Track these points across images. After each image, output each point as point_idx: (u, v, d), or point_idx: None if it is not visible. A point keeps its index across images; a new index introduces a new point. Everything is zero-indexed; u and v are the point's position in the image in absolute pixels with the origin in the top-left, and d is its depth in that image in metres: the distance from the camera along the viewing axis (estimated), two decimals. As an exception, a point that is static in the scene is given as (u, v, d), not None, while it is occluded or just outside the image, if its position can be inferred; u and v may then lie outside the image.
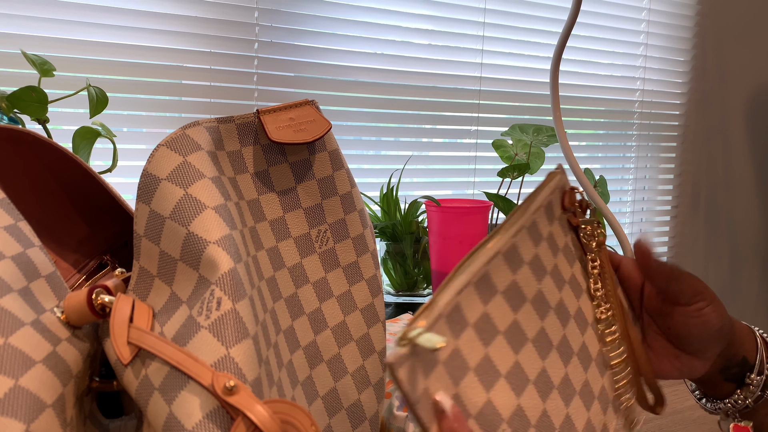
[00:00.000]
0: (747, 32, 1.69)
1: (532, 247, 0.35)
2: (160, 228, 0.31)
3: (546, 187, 0.38)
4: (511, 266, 0.33)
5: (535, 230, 0.36)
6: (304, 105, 0.41)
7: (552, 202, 0.38)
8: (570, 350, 0.35)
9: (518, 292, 0.33)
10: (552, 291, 0.36)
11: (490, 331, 0.31)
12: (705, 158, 1.69)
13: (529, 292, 0.34)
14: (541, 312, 0.34)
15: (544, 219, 0.37)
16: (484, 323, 0.31)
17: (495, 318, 0.31)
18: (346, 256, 0.42)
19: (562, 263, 0.38)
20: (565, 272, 0.38)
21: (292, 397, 0.34)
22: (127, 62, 0.94)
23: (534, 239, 0.35)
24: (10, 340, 0.26)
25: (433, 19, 1.21)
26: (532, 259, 0.35)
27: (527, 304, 0.33)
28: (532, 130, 1.05)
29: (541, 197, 0.37)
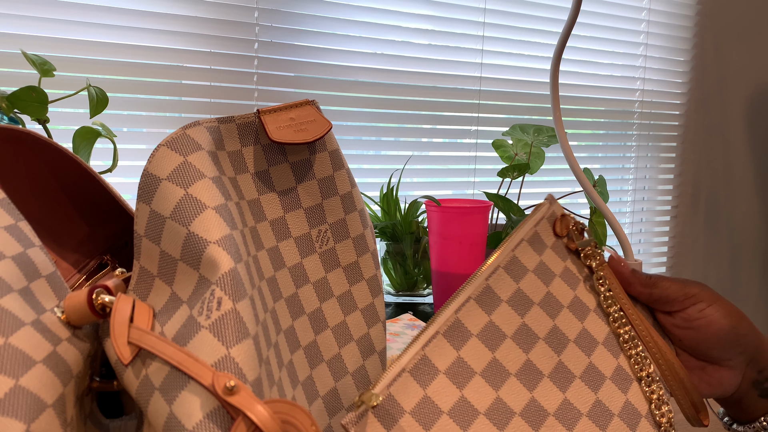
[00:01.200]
0: (747, 32, 1.69)
1: (512, 283, 0.36)
2: (160, 228, 0.31)
3: (530, 220, 0.40)
4: (485, 308, 0.34)
5: (515, 267, 0.37)
6: (305, 105, 0.41)
7: (539, 233, 0.40)
8: (570, 374, 0.36)
9: (495, 330, 0.34)
10: (541, 320, 0.37)
11: (464, 374, 0.32)
12: (705, 158, 1.69)
13: (509, 328, 0.35)
14: (525, 345, 0.35)
15: (530, 252, 0.38)
16: (457, 367, 0.32)
17: (469, 360, 0.32)
18: (347, 256, 0.42)
19: (560, 288, 0.39)
20: (563, 297, 0.38)
21: (293, 396, 0.34)
22: (127, 62, 0.94)
23: (514, 275, 0.37)
24: (11, 340, 0.26)
25: (433, 19, 1.21)
26: (512, 295, 0.36)
27: (507, 340, 0.34)
28: (533, 130, 1.05)
29: (521, 232, 0.39)
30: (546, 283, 0.38)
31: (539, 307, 0.37)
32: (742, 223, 1.79)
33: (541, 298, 0.37)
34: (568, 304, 0.38)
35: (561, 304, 0.38)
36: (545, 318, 0.37)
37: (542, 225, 0.40)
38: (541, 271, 0.38)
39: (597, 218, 0.96)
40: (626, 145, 1.54)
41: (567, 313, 0.38)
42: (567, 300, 0.38)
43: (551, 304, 0.38)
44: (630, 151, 1.55)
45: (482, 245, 0.85)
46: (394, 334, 0.64)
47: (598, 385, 0.36)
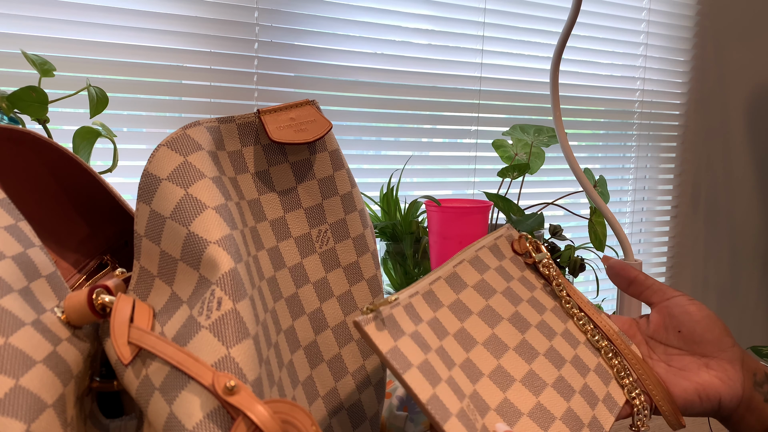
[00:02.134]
0: (747, 32, 1.69)
1: (477, 274, 0.41)
2: (160, 228, 0.31)
3: (489, 236, 0.45)
4: (454, 288, 0.38)
5: (478, 263, 0.42)
6: (305, 105, 0.41)
7: (498, 245, 0.45)
8: (534, 351, 0.39)
9: (463, 307, 0.38)
10: (504, 306, 0.40)
11: (440, 330, 0.35)
12: (705, 158, 1.69)
13: (475, 307, 0.39)
14: (491, 322, 0.39)
15: (490, 256, 0.43)
16: (435, 323, 0.35)
17: (444, 323, 0.36)
18: (347, 256, 0.42)
19: (519, 288, 0.43)
20: (523, 294, 0.43)
21: (293, 397, 0.34)
22: (127, 62, 0.94)
23: (478, 269, 0.41)
24: (11, 340, 0.26)
25: (433, 19, 1.21)
26: (476, 283, 0.40)
27: (473, 316, 0.38)
28: (533, 130, 1.05)
29: (482, 242, 0.44)
30: (506, 280, 0.42)
31: (501, 295, 0.41)
32: (742, 223, 1.79)
33: (503, 289, 0.41)
34: (527, 299, 0.42)
35: (521, 297, 0.42)
36: (508, 304, 0.41)
37: (501, 240, 0.45)
38: (501, 271, 0.43)
39: (597, 218, 0.96)
40: (626, 145, 1.54)
41: (527, 305, 0.42)
42: (526, 296, 0.43)
43: (512, 296, 0.41)
44: (630, 151, 1.55)
45: (482, 245, 0.85)
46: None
47: (560, 365, 0.39)
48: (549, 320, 0.42)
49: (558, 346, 0.40)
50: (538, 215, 0.93)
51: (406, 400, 0.51)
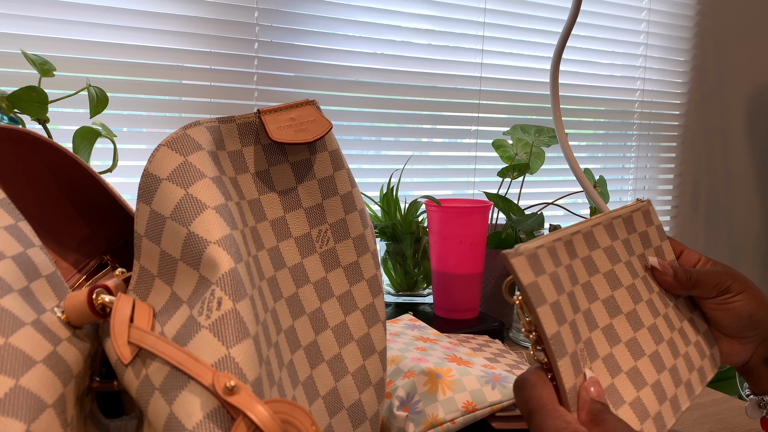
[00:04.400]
0: (747, 32, 1.69)
1: (608, 239, 0.44)
2: (160, 228, 0.31)
3: (626, 207, 0.47)
4: (589, 245, 0.41)
5: (611, 230, 0.45)
6: (305, 105, 0.41)
7: (633, 218, 0.47)
8: (640, 322, 0.43)
9: (593, 263, 0.41)
10: (625, 275, 0.44)
11: (573, 277, 0.38)
12: (705, 158, 1.69)
13: (603, 267, 0.42)
14: (612, 285, 0.42)
15: (622, 226, 0.46)
16: (570, 270, 0.38)
17: (577, 272, 0.39)
18: (347, 256, 0.42)
19: (636, 263, 0.46)
20: (638, 270, 0.46)
21: (293, 396, 0.34)
22: (127, 62, 0.94)
23: (611, 235, 0.44)
24: (11, 340, 0.26)
25: (433, 19, 1.21)
26: (607, 247, 0.43)
27: (599, 274, 0.41)
28: (534, 130, 1.05)
29: (621, 211, 0.46)
30: (629, 253, 0.46)
31: (624, 265, 0.44)
32: (742, 223, 1.79)
33: (626, 261, 0.45)
34: (641, 276, 0.46)
35: (637, 273, 0.45)
36: (627, 275, 0.44)
37: (636, 214, 0.48)
38: (627, 244, 0.46)
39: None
40: (626, 145, 1.54)
41: (641, 281, 0.45)
42: (641, 274, 0.46)
43: (631, 269, 0.45)
44: (630, 151, 1.55)
45: (482, 245, 0.85)
46: (395, 334, 0.64)
47: (658, 341, 0.43)
48: (655, 300, 0.45)
49: (660, 324, 0.44)
50: (538, 215, 0.93)
51: (406, 400, 0.51)
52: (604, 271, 0.42)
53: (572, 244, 0.39)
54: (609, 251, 0.43)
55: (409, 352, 0.57)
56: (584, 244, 0.41)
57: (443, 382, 0.52)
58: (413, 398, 0.51)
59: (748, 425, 0.57)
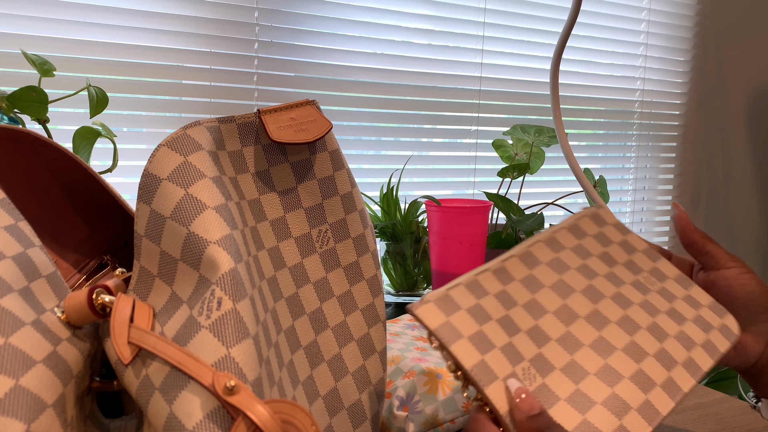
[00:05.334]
0: (747, 32, 1.69)
1: (551, 253, 0.44)
2: (160, 228, 0.31)
3: (570, 218, 0.47)
4: (527, 264, 0.42)
5: (554, 243, 0.44)
6: (305, 105, 0.41)
7: (580, 225, 0.47)
8: (606, 320, 0.42)
9: (535, 281, 0.41)
10: (577, 280, 0.43)
11: (508, 301, 0.39)
12: (705, 158, 1.69)
13: (548, 281, 0.42)
14: (563, 293, 0.41)
15: (569, 236, 0.46)
16: (503, 295, 0.39)
17: (513, 295, 0.39)
18: (347, 256, 0.42)
19: (596, 263, 0.45)
20: (598, 269, 0.45)
21: (293, 396, 0.34)
22: (127, 62, 0.94)
23: (553, 248, 0.44)
24: (11, 340, 0.26)
25: (433, 19, 1.21)
26: (550, 260, 0.43)
27: (545, 288, 0.41)
28: (534, 130, 1.05)
29: (564, 223, 0.46)
30: (583, 257, 0.45)
31: (576, 271, 0.43)
32: (742, 223, 1.79)
33: (578, 266, 0.44)
34: (604, 274, 0.44)
35: (596, 273, 0.44)
36: (581, 278, 0.43)
37: (583, 221, 0.47)
38: (579, 249, 0.45)
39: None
40: (626, 145, 1.54)
41: (602, 279, 0.44)
42: (603, 271, 0.45)
43: (587, 271, 0.44)
44: (630, 151, 1.55)
45: (482, 245, 0.85)
46: (395, 334, 0.64)
47: (633, 331, 0.42)
48: (627, 292, 0.44)
49: (634, 313, 0.43)
50: (538, 215, 0.93)
51: (406, 400, 0.51)
52: (550, 283, 0.41)
53: (505, 270, 0.40)
54: (554, 263, 0.43)
55: (409, 352, 0.57)
56: (522, 266, 0.41)
57: (443, 382, 0.52)
58: (413, 398, 0.51)
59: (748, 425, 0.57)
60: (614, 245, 0.47)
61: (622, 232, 0.49)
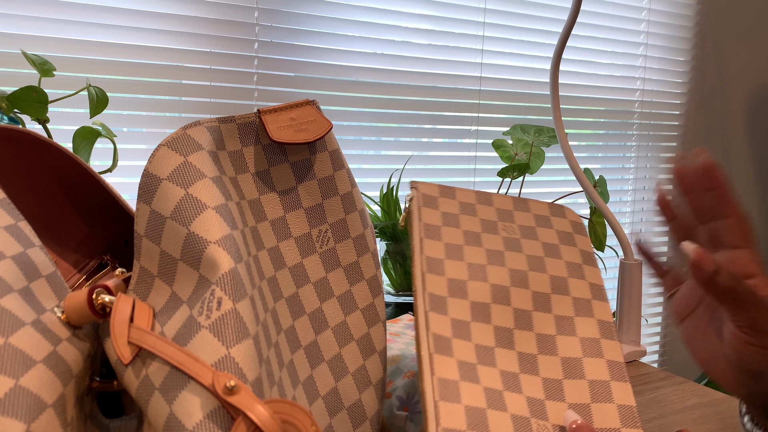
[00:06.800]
0: (747, 32, 1.69)
1: (440, 278, 0.41)
2: (160, 228, 0.31)
3: (413, 215, 0.44)
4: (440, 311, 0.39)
5: (429, 246, 0.43)
6: (305, 105, 0.41)
7: (421, 213, 0.45)
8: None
9: (462, 324, 0.39)
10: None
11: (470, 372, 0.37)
12: (705, 158, 1.68)
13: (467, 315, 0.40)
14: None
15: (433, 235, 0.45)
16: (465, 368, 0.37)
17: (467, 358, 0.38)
18: (347, 256, 0.42)
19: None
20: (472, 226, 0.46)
21: (293, 396, 0.34)
22: (127, 62, 0.94)
23: (434, 251, 0.42)
24: (11, 340, 0.26)
25: (433, 19, 1.21)
26: (447, 283, 0.41)
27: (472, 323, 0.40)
28: (534, 130, 1.05)
29: (415, 228, 0.44)
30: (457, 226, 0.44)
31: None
32: (742, 223, 1.79)
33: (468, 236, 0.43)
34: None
35: None
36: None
37: (422, 210, 0.45)
38: (448, 219, 0.44)
39: (597, 218, 0.96)
40: (626, 145, 1.54)
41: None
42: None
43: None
44: (630, 151, 1.55)
45: (482, 245, 0.85)
46: (394, 334, 0.64)
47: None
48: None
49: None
50: (538, 215, 0.92)
51: (406, 400, 0.51)
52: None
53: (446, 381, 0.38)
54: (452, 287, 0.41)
55: (409, 352, 0.57)
56: (445, 349, 0.38)
57: (443, 382, 0.52)
58: (413, 398, 0.51)
59: (748, 425, 0.57)
60: None
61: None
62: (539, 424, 0.35)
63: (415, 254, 0.41)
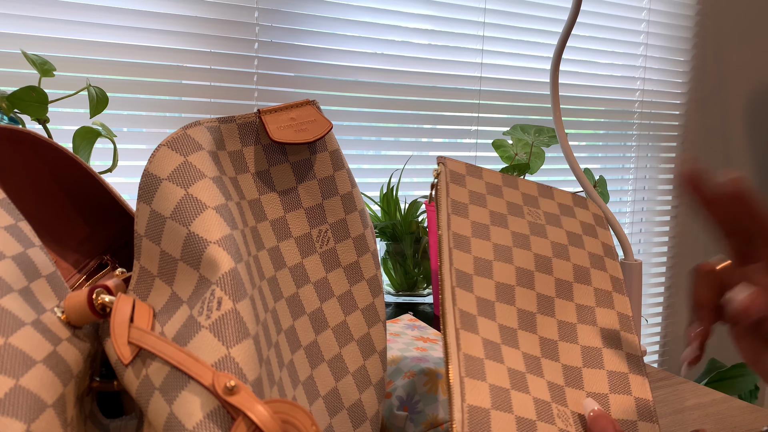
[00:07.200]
0: (747, 32, 1.69)
1: (467, 251, 0.42)
2: (160, 228, 0.31)
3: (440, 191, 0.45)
4: (467, 288, 0.40)
5: (456, 221, 0.43)
6: (305, 105, 0.41)
7: (449, 190, 0.46)
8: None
9: (486, 303, 0.40)
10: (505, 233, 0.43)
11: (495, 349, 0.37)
12: (705, 158, 1.69)
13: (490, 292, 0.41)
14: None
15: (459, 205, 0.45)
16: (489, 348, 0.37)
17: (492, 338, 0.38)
18: (347, 256, 0.42)
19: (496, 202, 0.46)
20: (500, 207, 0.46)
21: (293, 396, 0.34)
22: (127, 62, 0.94)
23: (462, 230, 0.43)
24: (11, 340, 0.26)
25: (433, 19, 1.21)
26: (474, 261, 0.42)
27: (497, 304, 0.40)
28: (534, 130, 1.05)
29: (442, 202, 0.44)
30: (484, 205, 0.44)
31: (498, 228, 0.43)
32: (742, 223, 1.79)
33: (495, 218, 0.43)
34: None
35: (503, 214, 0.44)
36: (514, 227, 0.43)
37: (450, 186, 0.45)
38: (475, 198, 0.44)
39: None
40: (626, 145, 1.54)
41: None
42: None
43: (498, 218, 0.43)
44: (630, 151, 1.55)
45: (482, 245, 0.85)
46: (395, 334, 0.64)
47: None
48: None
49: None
50: (538, 215, 0.93)
51: (406, 400, 0.51)
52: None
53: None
54: (479, 264, 0.41)
55: (409, 352, 0.57)
56: (470, 326, 0.39)
57: (443, 382, 0.52)
58: (413, 398, 0.51)
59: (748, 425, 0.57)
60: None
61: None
62: (559, 410, 0.35)
63: (442, 229, 0.41)
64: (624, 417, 0.37)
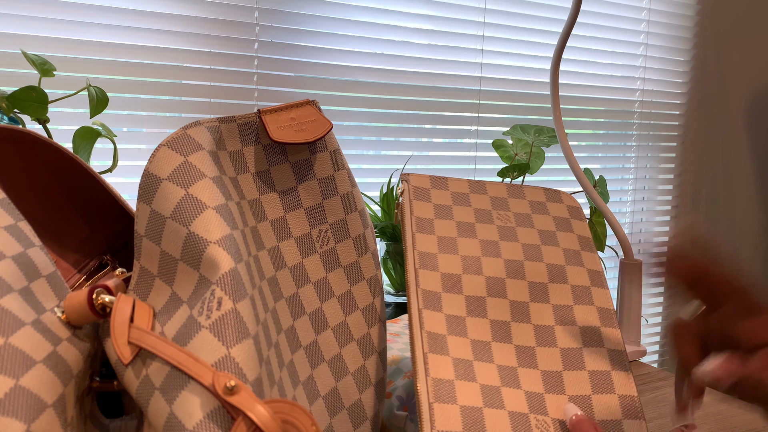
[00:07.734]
0: (747, 32, 1.69)
1: (435, 268, 0.42)
2: (161, 228, 0.31)
3: (404, 208, 0.45)
4: (434, 308, 0.40)
5: (423, 240, 0.43)
6: (305, 105, 0.41)
7: (412, 204, 0.46)
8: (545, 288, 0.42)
9: (457, 320, 0.39)
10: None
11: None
12: (705, 158, 1.69)
13: (459, 307, 0.40)
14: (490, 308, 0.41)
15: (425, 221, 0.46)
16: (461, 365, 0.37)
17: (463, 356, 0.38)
18: (347, 256, 0.42)
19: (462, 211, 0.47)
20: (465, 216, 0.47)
21: (293, 396, 0.34)
22: (127, 62, 0.94)
23: (428, 246, 0.43)
24: (11, 340, 0.26)
25: (433, 19, 1.21)
26: (441, 278, 0.42)
27: (467, 318, 0.40)
28: (534, 130, 1.05)
29: (407, 219, 0.44)
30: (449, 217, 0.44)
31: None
32: (742, 223, 1.79)
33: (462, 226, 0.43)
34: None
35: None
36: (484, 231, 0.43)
37: (414, 203, 0.45)
38: (440, 211, 0.44)
39: (597, 218, 0.96)
40: (626, 145, 1.54)
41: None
42: None
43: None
44: (630, 151, 1.55)
45: (482, 245, 0.85)
46: (394, 334, 0.64)
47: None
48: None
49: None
50: (538, 215, 0.92)
51: (406, 400, 0.51)
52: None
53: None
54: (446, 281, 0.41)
55: (409, 352, 0.57)
56: (439, 348, 0.38)
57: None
58: (413, 398, 0.51)
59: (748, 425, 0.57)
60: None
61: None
62: (538, 420, 0.35)
63: (407, 250, 0.41)
64: (608, 417, 0.37)
